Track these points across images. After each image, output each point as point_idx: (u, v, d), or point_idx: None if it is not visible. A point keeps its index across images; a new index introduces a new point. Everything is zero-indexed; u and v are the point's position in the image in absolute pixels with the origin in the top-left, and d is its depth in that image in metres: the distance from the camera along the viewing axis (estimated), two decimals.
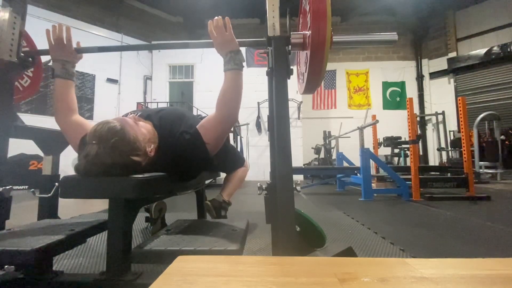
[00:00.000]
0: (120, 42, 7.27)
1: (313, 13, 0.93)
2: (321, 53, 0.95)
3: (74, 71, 1.18)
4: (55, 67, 1.12)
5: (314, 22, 0.93)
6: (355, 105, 8.66)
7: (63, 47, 1.12)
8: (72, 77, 1.16)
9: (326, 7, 0.92)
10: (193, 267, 0.49)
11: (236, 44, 1.09)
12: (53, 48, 1.12)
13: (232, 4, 7.97)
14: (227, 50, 1.09)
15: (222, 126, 1.07)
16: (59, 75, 1.12)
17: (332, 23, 0.95)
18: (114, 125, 0.92)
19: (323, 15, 0.92)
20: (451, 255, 1.51)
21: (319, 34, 0.92)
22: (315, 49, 0.95)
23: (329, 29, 0.92)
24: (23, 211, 1.74)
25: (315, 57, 0.97)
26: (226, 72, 1.09)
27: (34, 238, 0.88)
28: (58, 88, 1.12)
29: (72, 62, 1.17)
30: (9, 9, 1.18)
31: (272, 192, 0.95)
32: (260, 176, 6.61)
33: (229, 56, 1.08)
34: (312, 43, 0.95)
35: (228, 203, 1.69)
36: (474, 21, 7.86)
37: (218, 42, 1.10)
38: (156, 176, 0.95)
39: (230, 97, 1.07)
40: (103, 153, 0.88)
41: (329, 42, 0.94)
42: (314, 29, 0.93)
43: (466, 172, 3.60)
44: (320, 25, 0.92)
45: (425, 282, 0.42)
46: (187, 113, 1.26)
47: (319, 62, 0.98)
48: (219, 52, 1.12)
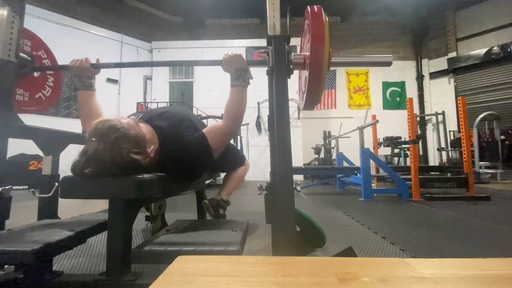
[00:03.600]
0: (120, 42, 7.27)
1: (312, 37, 1.00)
2: (319, 74, 1.01)
3: (92, 82, 1.27)
4: (75, 82, 1.25)
5: (313, 45, 0.99)
6: (355, 105, 8.66)
7: (80, 65, 1.23)
8: (91, 87, 1.26)
9: (324, 32, 0.99)
10: (193, 267, 0.49)
11: (245, 63, 1.17)
12: (72, 66, 1.24)
13: (232, 4, 7.97)
14: (236, 67, 1.17)
15: (227, 135, 1.19)
16: (79, 88, 1.24)
17: (331, 23, 0.97)
18: (114, 123, 0.92)
19: (322, 39, 0.99)
20: (451, 255, 1.51)
21: (317, 56, 0.99)
22: (313, 70, 1.01)
23: (326, 52, 0.99)
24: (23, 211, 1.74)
25: (313, 77, 1.02)
26: (233, 87, 1.17)
27: (34, 238, 0.88)
28: (79, 99, 1.24)
29: (88, 76, 1.26)
30: (8, 8, 1.18)
31: (272, 192, 0.95)
32: (260, 176, 6.61)
33: (238, 73, 1.17)
34: (311, 64, 1.00)
35: (227, 202, 1.69)
36: (474, 21, 7.86)
37: (227, 60, 1.17)
38: (156, 176, 0.95)
39: (237, 110, 1.17)
40: (102, 150, 0.87)
41: (326, 64, 1.00)
42: (313, 51, 0.99)
43: (466, 172, 3.60)
44: (318, 48, 0.99)
45: (425, 282, 0.42)
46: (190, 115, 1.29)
47: (317, 82, 1.03)
48: (227, 69, 1.19)
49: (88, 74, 1.25)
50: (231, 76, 1.18)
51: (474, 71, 7.78)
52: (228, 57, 1.17)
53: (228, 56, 1.17)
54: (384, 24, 8.88)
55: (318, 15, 1.02)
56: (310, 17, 1.03)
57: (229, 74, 1.19)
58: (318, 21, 1.01)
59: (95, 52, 6.85)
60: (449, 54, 8.19)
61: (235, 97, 1.16)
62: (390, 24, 8.87)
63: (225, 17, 8.77)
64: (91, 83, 1.26)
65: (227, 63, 1.17)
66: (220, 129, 1.16)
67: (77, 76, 1.23)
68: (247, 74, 1.18)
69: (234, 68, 1.17)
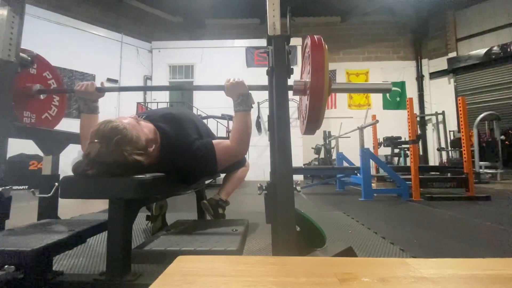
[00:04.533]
0: (120, 42, 7.27)
1: (312, 66, 1.05)
2: (320, 100, 1.05)
3: (97, 105, 1.29)
4: (79, 105, 1.26)
5: (313, 73, 1.04)
6: (355, 105, 8.66)
7: (86, 89, 1.25)
8: (95, 111, 1.27)
9: (324, 62, 1.04)
10: (193, 267, 0.49)
11: (246, 88, 1.20)
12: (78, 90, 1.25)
13: (232, 4, 7.96)
14: (238, 93, 1.19)
15: (234, 156, 1.22)
16: (82, 111, 1.25)
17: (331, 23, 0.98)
18: (116, 124, 0.92)
19: (322, 68, 1.03)
20: (451, 255, 1.51)
21: (317, 84, 1.04)
22: (313, 96, 1.05)
23: (326, 79, 1.03)
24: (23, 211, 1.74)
25: (314, 102, 1.06)
26: (237, 112, 1.20)
27: (34, 238, 0.88)
28: (81, 122, 1.25)
29: (93, 100, 1.27)
30: (8, 8, 1.18)
31: (272, 192, 0.95)
32: (260, 176, 6.60)
33: (240, 99, 1.20)
34: (311, 90, 1.05)
35: (226, 202, 1.69)
36: (474, 21, 7.86)
37: (229, 86, 1.20)
38: (156, 176, 0.95)
39: (243, 135, 1.19)
40: (105, 152, 0.87)
41: (327, 91, 1.04)
42: (313, 79, 1.04)
43: (466, 172, 3.60)
44: (319, 76, 1.03)
45: (425, 282, 0.42)
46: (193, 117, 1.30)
47: (317, 107, 1.07)
48: (230, 95, 1.22)
49: (93, 97, 1.26)
50: (234, 101, 1.21)
51: (474, 71, 7.78)
52: (230, 84, 1.20)
53: (230, 83, 1.20)
54: (384, 24, 8.88)
55: (318, 45, 1.08)
56: (311, 47, 1.08)
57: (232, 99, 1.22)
58: (318, 51, 1.06)
59: (95, 52, 6.86)
60: (449, 54, 8.19)
61: (239, 122, 1.19)
62: (390, 24, 8.87)
63: (225, 17, 8.77)
64: (96, 107, 1.28)
65: (229, 90, 1.20)
66: (228, 147, 1.18)
67: (82, 99, 1.25)
68: (249, 99, 1.21)
69: (236, 94, 1.20)
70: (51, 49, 5.84)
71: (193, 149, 1.10)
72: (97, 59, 6.76)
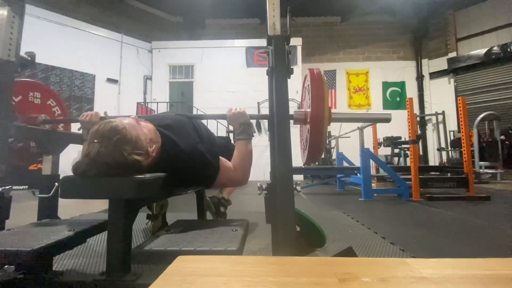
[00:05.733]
0: (120, 42, 7.27)
1: (312, 97, 1.09)
2: (320, 129, 1.08)
3: None
4: (83, 134, 1.29)
5: (313, 104, 1.08)
6: (355, 105, 8.66)
7: (90, 119, 1.28)
8: None
9: (323, 93, 1.08)
10: (193, 267, 0.49)
11: (248, 117, 1.22)
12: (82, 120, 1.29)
13: (232, 4, 7.96)
14: (240, 122, 1.21)
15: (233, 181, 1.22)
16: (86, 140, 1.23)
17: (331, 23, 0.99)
18: (116, 124, 0.92)
19: (321, 99, 1.08)
20: (451, 255, 1.51)
21: (317, 114, 1.07)
22: (314, 126, 1.09)
23: (326, 109, 1.07)
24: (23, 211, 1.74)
25: (314, 132, 1.09)
26: (238, 141, 1.22)
27: (34, 238, 0.88)
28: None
29: None
30: (8, 8, 1.18)
31: (272, 192, 0.95)
32: (260, 176, 6.60)
33: (242, 128, 1.22)
34: (311, 120, 1.09)
35: (228, 201, 1.70)
36: (474, 21, 7.86)
37: (231, 116, 1.22)
38: (156, 176, 0.95)
39: (244, 162, 1.20)
40: (105, 152, 0.87)
41: (327, 120, 1.07)
42: (313, 109, 1.08)
43: (466, 172, 3.60)
44: (319, 107, 1.07)
45: (425, 282, 0.42)
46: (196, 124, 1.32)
47: (318, 137, 1.10)
48: (231, 124, 1.24)
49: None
50: (235, 130, 1.23)
51: (474, 71, 7.78)
52: (232, 114, 1.21)
53: (232, 113, 1.21)
54: (384, 24, 8.87)
55: (317, 77, 1.11)
56: (310, 80, 1.12)
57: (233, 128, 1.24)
58: (317, 83, 1.09)
59: (95, 52, 6.86)
60: (449, 54, 8.19)
61: (241, 151, 1.20)
62: (390, 24, 8.86)
63: (225, 17, 8.78)
64: None
65: (231, 119, 1.21)
66: (231, 171, 1.18)
67: (86, 129, 1.26)
68: (250, 128, 1.23)
69: (238, 123, 1.21)
70: (51, 49, 5.85)
71: (197, 152, 1.09)
72: (97, 59, 6.76)
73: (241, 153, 1.20)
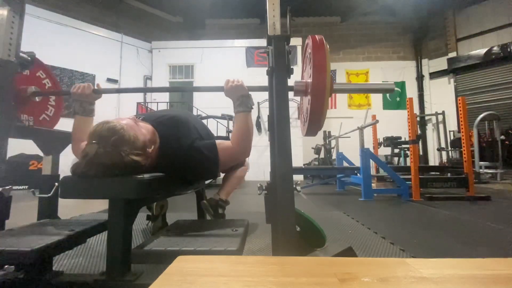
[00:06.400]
0: (120, 42, 7.27)
1: (314, 66, 1.03)
2: (321, 101, 1.03)
3: (93, 108, 1.27)
4: (75, 106, 1.24)
5: (315, 74, 1.02)
6: (355, 105, 8.66)
7: (82, 91, 1.23)
8: (90, 113, 1.25)
9: (326, 62, 1.02)
10: (193, 267, 0.49)
11: (246, 90, 1.19)
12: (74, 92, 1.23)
13: (232, 4, 7.96)
14: (238, 94, 1.18)
15: (235, 158, 1.21)
16: (77, 113, 1.23)
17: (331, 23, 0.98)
18: (114, 125, 0.92)
19: (323, 68, 1.02)
20: (451, 255, 1.51)
21: (319, 85, 1.02)
22: (315, 97, 1.04)
23: (328, 80, 1.01)
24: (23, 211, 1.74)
25: (315, 104, 1.05)
26: (237, 114, 1.19)
27: (34, 238, 0.88)
28: (75, 123, 1.22)
29: (89, 101, 1.25)
30: (8, 8, 1.18)
31: (272, 192, 0.95)
32: (260, 176, 6.60)
33: (240, 100, 1.19)
34: (313, 91, 1.03)
35: (226, 202, 1.69)
36: (474, 21, 7.86)
37: (228, 88, 1.19)
38: (156, 176, 0.95)
39: (244, 136, 1.18)
40: (103, 153, 0.87)
41: (328, 91, 1.02)
42: (314, 79, 1.02)
43: (466, 172, 3.60)
44: (320, 76, 1.01)
45: (425, 282, 0.42)
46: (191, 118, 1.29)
47: (319, 109, 1.05)
48: (229, 96, 1.21)
49: (90, 99, 1.24)
50: (234, 103, 1.20)
51: (474, 71, 7.77)
52: (229, 87, 1.19)
53: (229, 85, 1.19)
54: (384, 24, 8.87)
55: (320, 45, 1.05)
56: (312, 47, 1.06)
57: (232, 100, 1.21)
58: (319, 51, 1.03)
59: (95, 52, 6.86)
60: (449, 54, 8.19)
61: (240, 124, 1.18)
62: (390, 24, 8.86)
63: (225, 17, 8.77)
64: (91, 109, 1.26)
65: (229, 91, 1.19)
66: (230, 149, 1.17)
67: (78, 101, 1.23)
68: (249, 100, 1.20)
69: (236, 96, 1.19)
70: (51, 49, 5.85)
71: (194, 150, 1.09)
72: (97, 59, 6.75)
73: (240, 126, 1.18)
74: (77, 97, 1.22)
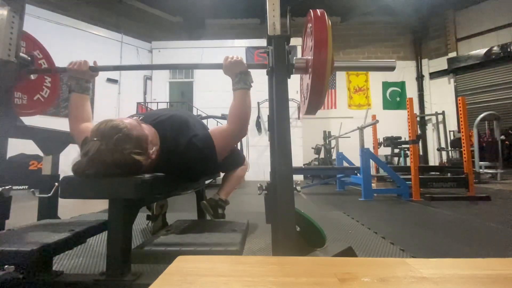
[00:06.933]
0: (120, 42, 7.27)
1: (315, 41, 0.98)
2: (322, 78, 0.99)
3: (89, 86, 1.25)
4: (71, 84, 1.21)
5: (316, 49, 0.97)
6: (355, 105, 8.66)
7: (79, 67, 1.21)
8: (87, 91, 1.24)
9: (327, 36, 0.97)
10: (193, 267, 0.49)
11: (245, 66, 1.18)
12: (70, 68, 1.21)
13: (232, 4, 7.96)
14: (237, 71, 1.17)
15: (233, 138, 1.17)
16: (74, 90, 1.21)
17: (332, 23, 0.97)
18: (117, 123, 0.91)
19: (325, 43, 0.97)
20: (451, 255, 1.51)
21: (320, 61, 0.97)
22: (316, 74, 0.99)
23: (329, 56, 0.97)
24: (23, 211, 1.74)
25: (316, 81, 1.01)
26: (236, 91, 1.17)
27: (34, 238, 0.88)
28: (72, 101, 1.20)
29: (86, 79, 1.24)
30: (8, 8, 1.18)
31: (272, 192, 0.95)
32: (260, 176, 6.61)
33: (239, 77, 1.17)
34: (314, 68, 0.99)
35: (225, 202, 1.69)
36: (474, 21, 7.86)
37: (227, 64, 1.17)
38: (156, 176, 0.95)
39: (241, 114, 1.15)
40: (105, 150, 0.87)
41: (329, 68, 0.98)
42: (315, 56, 0.98)
43: (466, 172, 3.60)
44: (321, 53, 0.97)
45: (425, 282, 0.42)
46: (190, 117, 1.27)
47: (320, 86, 1.02)
48: (228, 73, 1.20)
49: (86, 77, 1.23)
50: (232, 80, 1.18)
51: (474, 71, 7.78)
52: (228, 63, 1.18)
53: (228, 61, 1.18)
54: (384, 24, 8.87)
55: (321, 19, 1.00)
56: (313, 21, 1.01)
57: (230, 78, 1.19)
58: (321, 25, 0.99)
59: (95, 52, 6.86)
60: (449, 54, 8.19)
61: (238, 101, 1.15)
62: (390, 24, 8.86)
63: (225, 17, 8.77)
64: (88, 87, 1.25)
65: (228, 68, 1.18)
66: (225, 132, 1.15)
67: (75, 78, 1.21)
68: (248, 77, 1.18)
69: (234, 73, 1.17)
70: (51, 49, 5.83)
71: (191, 146, 1.08)
72: (97, 59, 6.70)
73: (238, 104, 1.15)
74: (74, 73, 1.20)
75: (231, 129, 1.15)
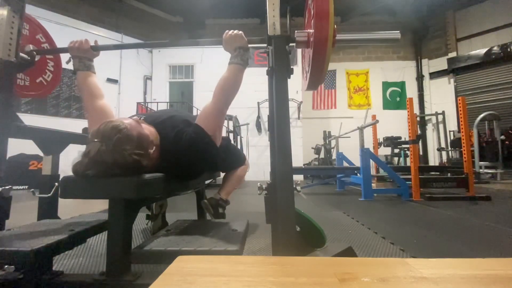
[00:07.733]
0: (120, 42, 7.27)
1: (316, 14, 0.95)
2: (323, 51, 0.97)
3: (92, 64, 1.25)
4: (74, 63, 1.22)
5: (317, 22, 0.95)
6: (355, 105, 8.66)
7: (80, 46, 1.21)
8: (92, 69, 1.24)
9: (329, 8, 0.94)
10: (193, 267, 0.49)
11: (245, 41, 1.16)
12: (71, 47, 1.22)
13: (232, 4, 7.96)
14: (236, 45, 1.15)
15: (217, 116, 1.13)
16: (78, 68, 1.21)
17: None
18: (117, 124, 0.91)
19: (326, 15, 0.94)
20: (451, 255, 1.51)
21: (321, 33, 0.94)
22: (317, 47, 0.97)
23: (331, 28, 0.94)
24: (23, 211, 1.74)
25: (317, 55, 0.99)
26: (230, 65, 1.14)
27: (34, 238, 0.88)
28: (79, 80, 1.21)
29: (88, 57, 1.24)
30: (8, 8, 1.18)
31: (272, 192, 0.95)
32: (260, 176, 6.61)
33: (237, 52, 1.15)
34: (315, 41, 0.96)
35: (226, 201, 1.69)
36: (474, 21, 7.86)
37: (227, 38, 1.15)
38: (156, 176, 0.95)
39: (228, 89, 1.13)
40: (105, 151, 0.87)
41: (331, 41, 0.95)
42: (317, 28, 0.95)
43: (466, 172, 3.60)
44: (323, 24, 0.94)
45: (425, 282, 0.42)
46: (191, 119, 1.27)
47: (321, 60, 0.99)
48: (227, 48, 1.18)
49: (88, 55, 1.23)
50: (231, 54, 1.17)
51: (474, 71, 7.78)
52: (228, 36, 1.16)
53: (228, 35, 1.16)
54: (384, 24, 8.87)
55: None
56: None
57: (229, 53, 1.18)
58: None
59: None
60: (449, 54, 8.19)
61: (229, 75, 1.13)
62: (390, 24, 8.86)
63: (225, 17, 8.77)
64: (91, 65, 1.25)
65: (227, 42, 1.16)
66: (209, 111, 1.12)
67: (77, 57, 1.21)
68: (246, 54, 1.16)
69: (233, 47, 1.16)
70: None
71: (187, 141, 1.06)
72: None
73: (227, 77, 1.13)
74: (75, 52, 1.21)
75: (214, 106, 1.12)
